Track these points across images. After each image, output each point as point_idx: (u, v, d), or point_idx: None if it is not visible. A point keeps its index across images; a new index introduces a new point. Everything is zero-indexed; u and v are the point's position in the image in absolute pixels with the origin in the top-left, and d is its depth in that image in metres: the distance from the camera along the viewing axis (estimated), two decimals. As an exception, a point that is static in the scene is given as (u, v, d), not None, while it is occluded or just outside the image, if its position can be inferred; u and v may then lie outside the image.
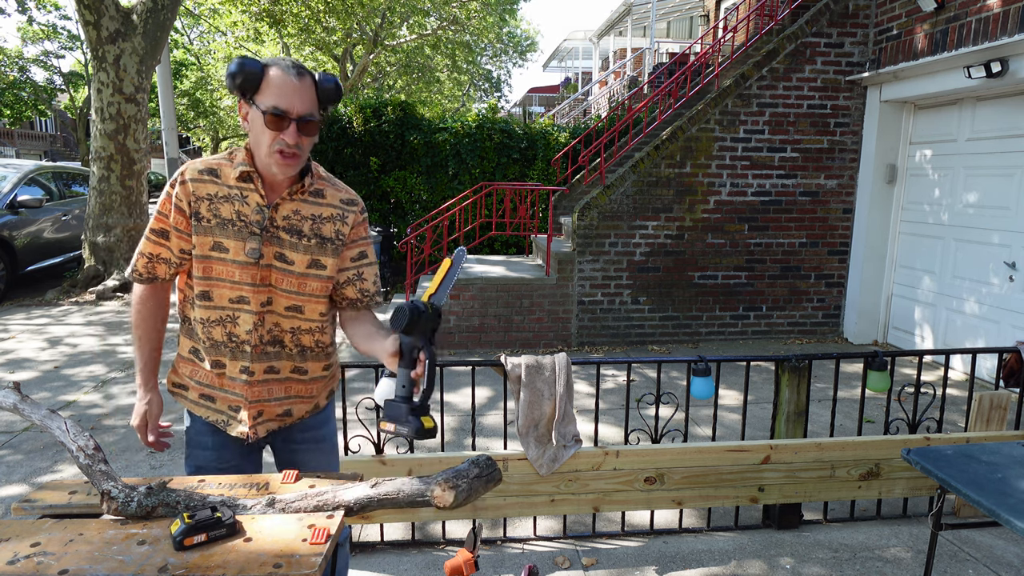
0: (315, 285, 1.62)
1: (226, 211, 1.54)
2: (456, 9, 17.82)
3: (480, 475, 1.63)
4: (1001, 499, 1.84)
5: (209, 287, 1.58)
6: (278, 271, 1.58)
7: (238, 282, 1.56)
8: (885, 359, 2.77)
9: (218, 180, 1.56)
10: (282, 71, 1.48)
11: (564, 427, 2.59)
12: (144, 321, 1.70)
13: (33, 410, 1.76)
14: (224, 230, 1.54)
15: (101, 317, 6.78)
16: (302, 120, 1.48)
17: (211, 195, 1.54)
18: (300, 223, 1.58)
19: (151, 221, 1.62)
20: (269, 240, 1.56)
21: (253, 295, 1.57)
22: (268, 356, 1.63)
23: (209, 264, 1.56)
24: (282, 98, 1.46)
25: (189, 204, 1.54)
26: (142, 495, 1.51)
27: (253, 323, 1.58)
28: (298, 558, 1.32)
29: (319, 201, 1.61)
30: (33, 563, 1.27)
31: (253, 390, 1.63)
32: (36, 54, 26.69)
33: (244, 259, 1.54)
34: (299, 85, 1.48)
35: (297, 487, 1.82)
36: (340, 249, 1.63)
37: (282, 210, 1.57)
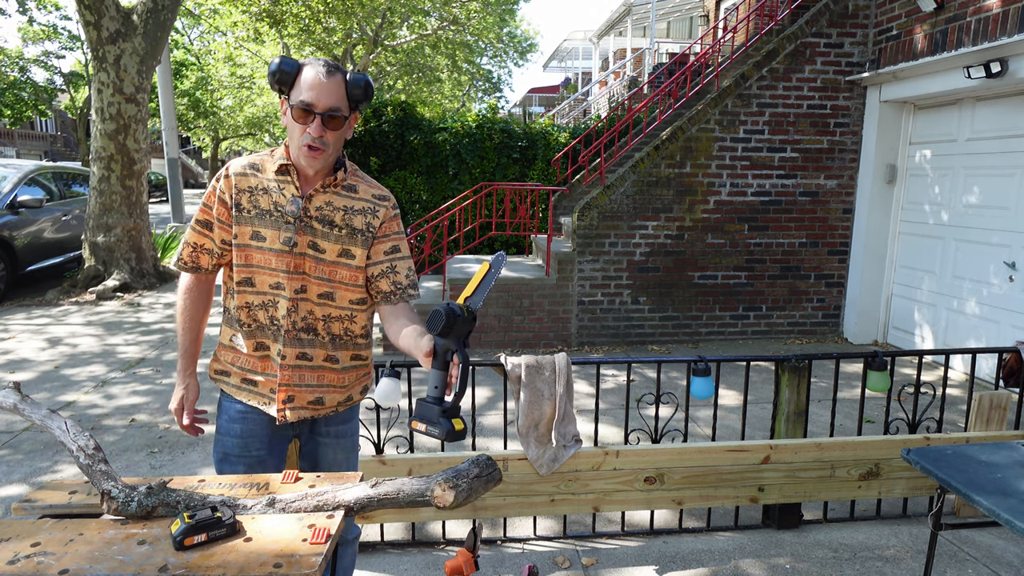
0: (345, 273, 1.69)
1: (264, 202, 1.65)
2: (456, 9, 17.82)
3: (480, 475, 1.63)
4: (1001, 499, 1.84)
5: (251, 274, 1.67)
6: (311, 259, 1.66)
7: (275, 269, 1.65)
8: (885, 359, 2.77)
9: (259, 174, 1.67)
10: (313, 68, 1.58)
11: (564, 427, 2.59)
12: (187, 310, 1.78)
13: (33, 410, 1.76)
14: (262, 220, 1.65)
15: (101, 317, 6.78)
16: (327, 115, 1.57)
17: (252, 187, 1.66)
18: (332, 214, 1.67)
19: (196, 213, 1.72)
20: (303, 229, 1.65)
21: (288, 282, 1.66)
22: (301, 342, 1.70)
23: (249, 252, 1.66)
24: (310, 93, 1.56)
25: (231, 196, 1.66)
26: (142, 495, 1.51)
27: (287, 308, 1.67)
28: (298, 558, 1.32)
29: (351, 195, 1.70)
30: (33, 563, 1.27)
31: (284, 373, 1.70)
32: (37, 54, 26.69)
33: (280, 247, 1.64)
34: (327, 82, 1.57)
35: (297, 487, 1.82)
36: (370, 240, 1.70)
37: (315, 201, 1.66)
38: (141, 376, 4.97)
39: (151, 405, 4.39)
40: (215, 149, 33.49)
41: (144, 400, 4.48)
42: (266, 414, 1.75)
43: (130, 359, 5.38)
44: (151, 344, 5.82)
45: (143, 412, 4.27)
